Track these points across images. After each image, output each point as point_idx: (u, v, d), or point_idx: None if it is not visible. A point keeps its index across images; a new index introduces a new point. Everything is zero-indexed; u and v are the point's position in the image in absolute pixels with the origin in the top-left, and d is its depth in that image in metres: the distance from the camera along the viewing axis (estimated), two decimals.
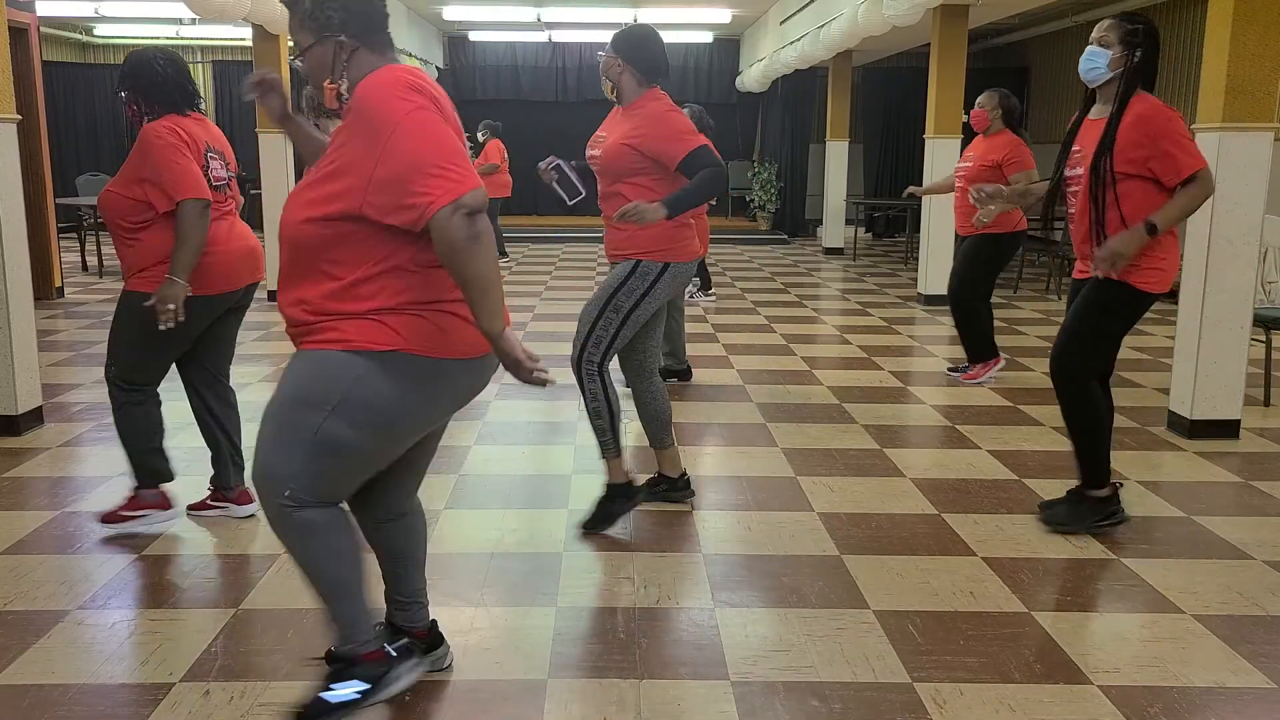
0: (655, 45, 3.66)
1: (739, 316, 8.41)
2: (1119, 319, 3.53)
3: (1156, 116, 3.39)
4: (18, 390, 4.78)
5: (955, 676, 2.69)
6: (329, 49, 2.27)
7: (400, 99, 2.16)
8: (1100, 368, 3.60)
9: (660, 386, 3.84)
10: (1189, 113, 10.58)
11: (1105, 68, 3.46)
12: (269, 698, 2.56)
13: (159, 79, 3.44)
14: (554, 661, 2.76)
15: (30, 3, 8.32)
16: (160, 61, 3.46)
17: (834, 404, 5.52)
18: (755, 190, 15.68)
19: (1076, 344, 3.56)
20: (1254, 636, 2.93)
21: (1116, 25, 3.45)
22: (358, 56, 2.27)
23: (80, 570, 3.33)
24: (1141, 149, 3.40)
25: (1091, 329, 3.54)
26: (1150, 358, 6.82)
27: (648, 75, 3.66)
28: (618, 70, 3.64)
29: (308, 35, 2.28)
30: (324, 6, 2.25)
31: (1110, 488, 3.70)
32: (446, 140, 2.16)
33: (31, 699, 2.56)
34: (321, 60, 2.28)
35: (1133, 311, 3.52)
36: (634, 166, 3.56)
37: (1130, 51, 3.43)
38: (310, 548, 2.33)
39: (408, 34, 12.99)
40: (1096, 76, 3.50)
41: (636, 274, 3.59)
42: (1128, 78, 3.44)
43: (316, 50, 2.28)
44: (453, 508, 3.92)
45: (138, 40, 15.82)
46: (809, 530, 3.70)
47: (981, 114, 5.87)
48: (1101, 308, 3.51)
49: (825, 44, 10.14)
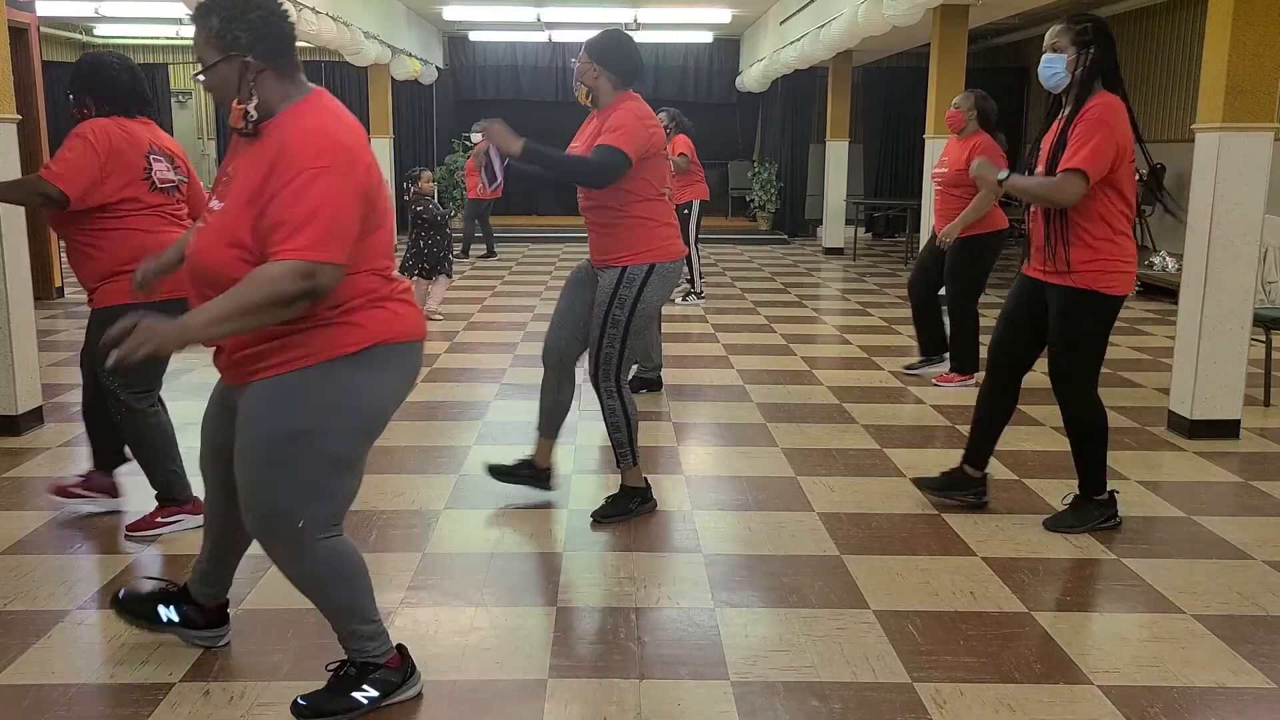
0: (630, 49, 3.67)
1: (739, 316, 8.41)
2: (1095, 322, 3.55)
3: (1098, 111, 3.39)
4: (18, 390, 4.78)
5: (955, 676, 2.69)
6: (235, 68, 2.27)
7: (315, 152, 2.18)
8: (1093, 369, 3.62)
9: (571, 388, 3.91)
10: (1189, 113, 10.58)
11: (1064, 71, 3.48)
12: (269, 698, 2.56)
13: (113, 82, 3.45)
14: (554, 661, 2.76)
15: (30, 3, 8.32)
16: (115, 66, 3.47)
17: (834, 404, 5.52)
18: (755, 190, 15.68)
19: (1062, 354, 3.59)
20: (1254, 636, 2.93)
21: (1066, 29, 3.47)
22: (264, 78, 2.28)
23: (80, 570, 3.33)
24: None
25: (1068, 336, 3.57)
26: (1150, 358, 6.82)
27: (624, 79, 3.66)
28: (594, 75, 3.64)
29: (213, 53, 2.28)
30: (232, 26, 2.25)
31: (1108, 494, 3.74)
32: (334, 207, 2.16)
33: (31, 699, 2.56)
34: (227, 79, 2.29)
35: (1105, 314, 3.54)
36: None
37: (1084, 51, 3.44)
38: (324, 579, 2.39)
39: (408, 34, 12.99)
40: (1058, 83, 3.51)
41: (624, 282, 3.61)
42: (1084, 77, 3.45)
43: (222, 68, 2.28)
44: (453, 508, 3.92)
45: (138, 40, 15.83)
46: (809, 530, 3.70)
47: (956, 115, 5.83)
48: (1075, 316, 3.54)
49: (825, 44, 10.14)
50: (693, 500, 4.01)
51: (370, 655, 2.48)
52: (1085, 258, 3.46)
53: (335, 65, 14.91)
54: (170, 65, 15.88)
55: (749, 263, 12.42)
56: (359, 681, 2.47)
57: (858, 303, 9.25)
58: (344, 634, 2.47)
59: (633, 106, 3.63)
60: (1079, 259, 3.46)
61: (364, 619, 2.47)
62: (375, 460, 4.48)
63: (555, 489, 4.05)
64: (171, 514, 3.62)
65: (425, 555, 3.46)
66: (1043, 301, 3.62)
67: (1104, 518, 3.70)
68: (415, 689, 2.56)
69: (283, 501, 2.30)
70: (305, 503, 2.31)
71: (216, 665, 2.72)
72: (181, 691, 2.59)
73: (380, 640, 2.50)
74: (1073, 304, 3.51)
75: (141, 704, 2.53)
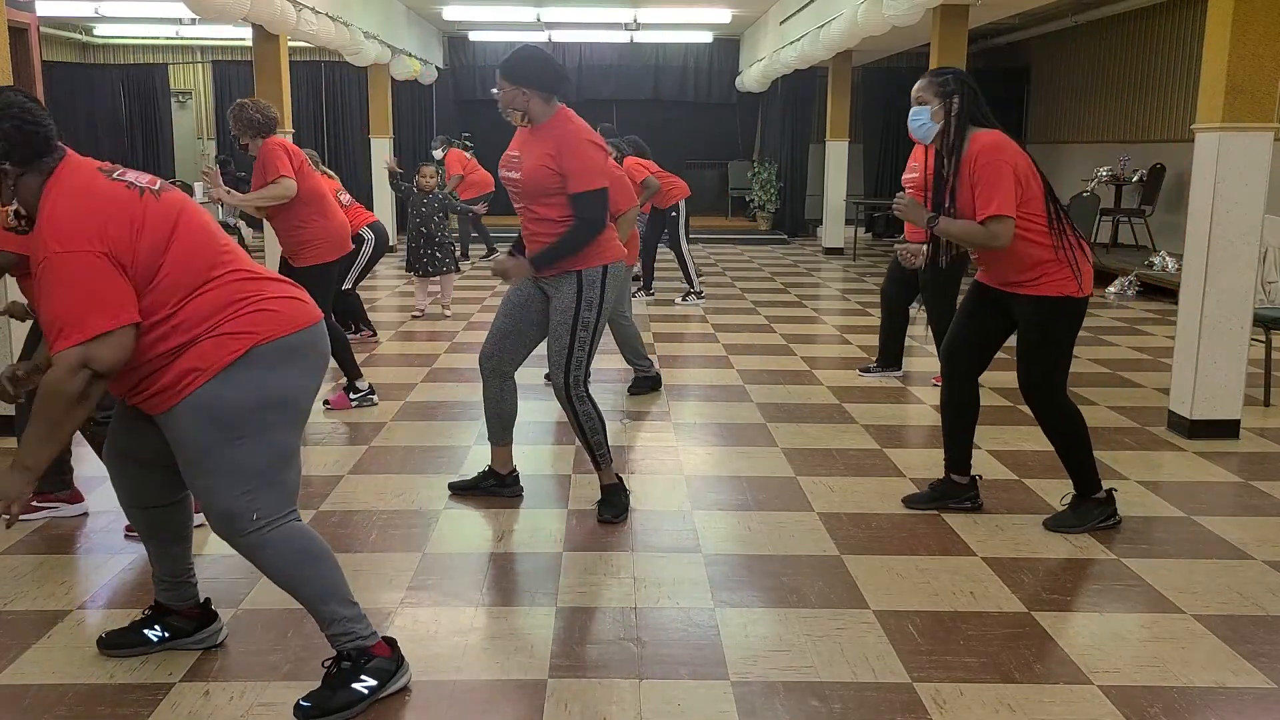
0: (546, 59, 3.63)
1: (739, 316, 8.41)
2: (1062, 328, 3.58)
3: (987, 154, 3.44)
4: None
5: (955, 676, 2.69)
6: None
7: (44, 241, 2.24)
8: (1062, 375, 3.65)
9: (514, 388, 3.94)
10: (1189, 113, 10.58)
11: (930, 122, 3.58)
12: (269, 698, 2.56)
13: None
14: (554, 662, 2.76)
15: (30, 3, 8.32)
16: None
17: (834, 404, 5.52)
18: (755, 190, 15.68)
19: (1035, 363, 3.62)
20: (1254, 636, 2.93)
21: (928, 83, 3.61)
22: (24, 180, 2.34)
23: (80, 570, 3.33)
24: (968, 187, 3.48)
25: (1041, 345, 3.60)
26: (1150, 358, 6.82)
27: (550, 90, 3.63)
28: (524, 99, 3.59)
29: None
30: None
31: (1105, 492, 3.74)
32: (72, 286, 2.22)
33: (31, 699, 2.56)
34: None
35: (1070, 317, 3.57)
36: (553, 186, 3.57)
37: (947, 101, 3.54)
38: (295, 561, 2.49)
39: (407, 34, 13.00)
40: (926, 134, 3.61)
41: (584, 286, 3.63)
42: (956, 126, 3.53)
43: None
44: (452, 508, 3.92)
45: (138, 40, 15.84)
46: (809, 530, 3.70)
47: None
48: (1041, 324, 3.57)
49: (825, 44, 10.14)
50: (693, 500, 4.01)
51: (359, 637, 2.53)
52: (1035, 274, 3.52)
53: (335, 65, 14.91)
54: (170, 65, 15.88)
55: (749, 263, 12.42)
56: (356, 673, 2.52)
57: (858, 303, 9.25)
58: (330, 622, 2.52)
59: (576, 132, 3.60)
60: (1029, 277, 3.52)
61: (342, 599, 2.53)
62: (375, 460, 4.48)
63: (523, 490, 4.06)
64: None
65: (425, 555, 3.46)
66: (1000, 305, 3.67)
67: (1104, 517, 3.71)
68: (406, 678, 2.61)
69: (232, 502, 2.41)
70: (254, 498, 2.42)
71: (216, 665, 2.72)
72: (181, 691, 2.59)
73: (364, 621, 2.56)
74: (1043, 312, 3.55)
75: (141, 704, 2.53)
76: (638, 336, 5.78)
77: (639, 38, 15.37)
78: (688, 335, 7.57)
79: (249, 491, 2.41)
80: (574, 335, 3.64)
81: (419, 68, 13.44)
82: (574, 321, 3.64)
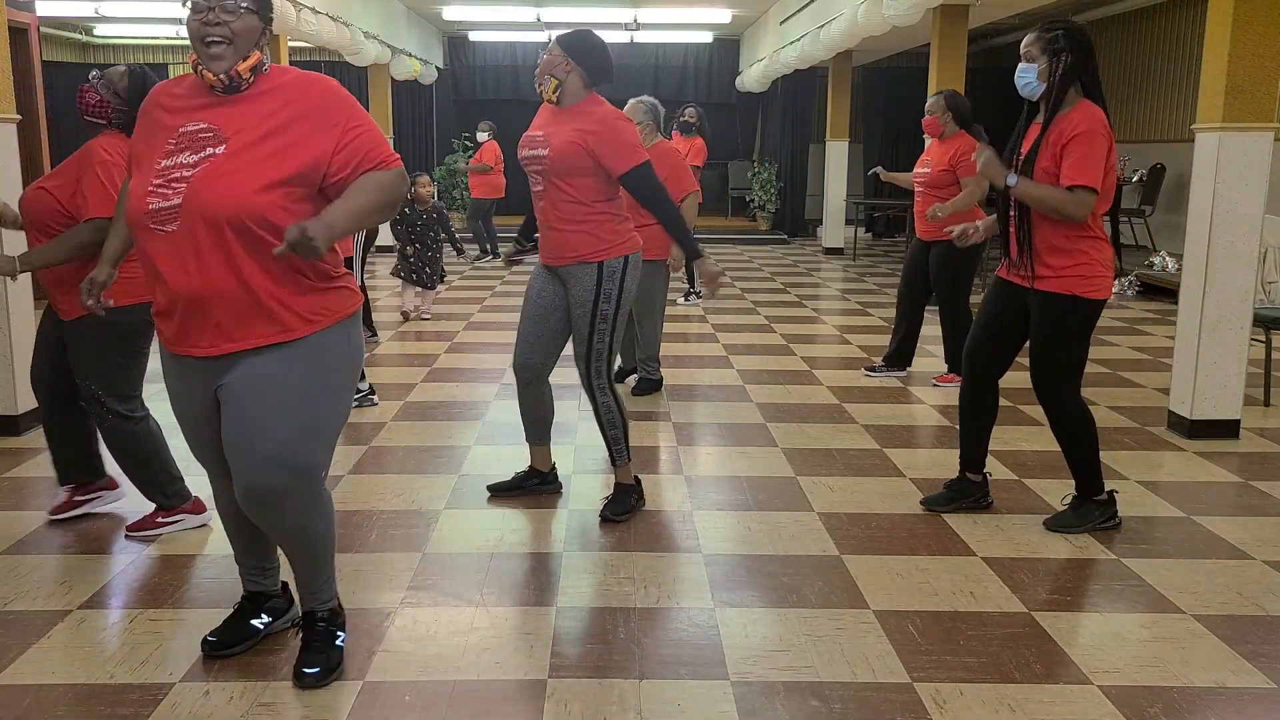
0: (604, 50, 3.64)
1: (739, 316, 8.41)
2: (1076, 328, 3.56)
3: (1082, 122, 3.40)
4: (18, 390, 4.78)
5: (955, 676, 2.69)
6: None
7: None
8: (1077, 374, 3.63)
9: (550, 390, 3.94)
10: (1189, 113, 10.59)
11: (1036, 80, 3.49)
12: (269, 698, 2.56)
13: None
14: (554, 661, 2.76)
15: (30, 3, 8.32)
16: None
17: (834, 404, 5.52)
18: (755, 190, 15.67)
19: (1048, 363, 3.60)
20: (1254, 636, 2.93)
21: (1037, 38, 3.49)
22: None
23: (80, 570, 3.33)
24: (1056, 148, 3.43)
25: (1055, 345, 3.58)
26: (1150, 358, 6.82)
27: (595, 78, 3.63)
28: (566, 69, 3.59)
29: None
30: None
31: (1107, 494, 3.74)
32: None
33: (31, 699, 2.56)
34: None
35: (1085, 320, 3.55)
36: (582, 166, 3.56)
37: (1055, 59, 3.45)
38: (327, 518, 2.60)
39: (407, 34, 12.99)
40: (1032, 91, 3.52)
41: (605, 277, 3.62)
42: (1059, 85, 3.46)
43: None
44: (453, 508, 3.92)
45: (138, 40, 15.83)
46: (809, 530, 3.70)
47: (933, 120, 5.81)
48: (1057, 321, 3.55)
49: (825, 44, 10.14)
50: (693, 500, 4.01)
51: (334, 594, 2.70)
52: (1065, 263, 3.49)
53: (335, 65, 14.90)
54: (170, 65, 15.87)
55: (749, 263, 12.42)
56: (333, 627, 2.67)
57: (858, 303, 9.25)
58: (320, 581, 2.64)
59: (613, 112, 3.62)
60: (1060, 264, 3.49)
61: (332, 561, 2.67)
62: (375, 460, 4.48)
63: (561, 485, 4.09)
64: (172, 514, 3.62)
65: (425, 555, 3.46)
66: (1021, 306, 3.64)
67: (1104, 517, 3.71)
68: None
69: (316, 455, 2.48)
70: (328, 453, 2.54)
71: (216, 665, 2.72)
72: (181, 691, 2.59)
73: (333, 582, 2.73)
74: (1055, 309, 3.53)
75: (141, 704, 2.53)
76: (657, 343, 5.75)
77: (639, 38, 15.37)
78: (688, 335, 7.57)
79: (328, 449, 2.51)
80: (593, 327, 3.64)
81: (419, 68, 13.43)
82: (593, 314, 3.63)
